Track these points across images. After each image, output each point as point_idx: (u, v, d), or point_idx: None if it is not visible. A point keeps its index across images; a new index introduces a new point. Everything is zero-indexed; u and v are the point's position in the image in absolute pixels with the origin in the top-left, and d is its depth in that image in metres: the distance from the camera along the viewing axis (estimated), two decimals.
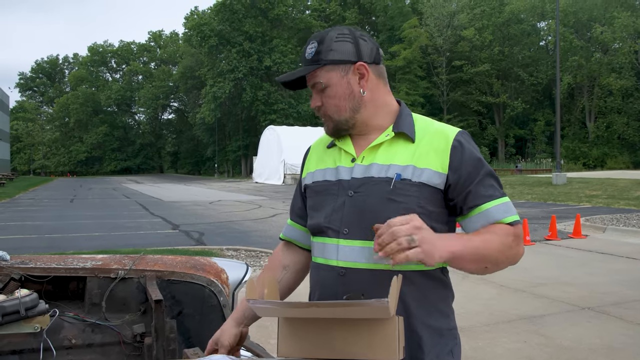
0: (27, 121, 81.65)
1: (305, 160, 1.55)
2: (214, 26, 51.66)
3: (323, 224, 1.36)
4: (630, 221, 11.63)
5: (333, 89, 1.34)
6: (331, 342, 1.08)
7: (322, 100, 1.36)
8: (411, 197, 1.28)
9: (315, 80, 1.35)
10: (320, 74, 1.34)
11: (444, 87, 50.32)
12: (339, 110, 1.35)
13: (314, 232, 1.41)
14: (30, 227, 12.47)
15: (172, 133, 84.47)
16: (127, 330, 1.75)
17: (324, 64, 1.33)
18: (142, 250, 7.55)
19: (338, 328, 1.07)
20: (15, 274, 1.75)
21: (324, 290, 1.35)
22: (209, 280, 1.90)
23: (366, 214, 1.30)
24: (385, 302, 0.96)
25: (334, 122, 1.37)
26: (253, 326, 1.38)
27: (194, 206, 18.61)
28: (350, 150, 1.39)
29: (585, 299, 5.66)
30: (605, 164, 42.99)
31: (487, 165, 1.34)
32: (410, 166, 1.30)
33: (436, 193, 1.31)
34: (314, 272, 1.43)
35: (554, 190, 20.60)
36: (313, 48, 1.34)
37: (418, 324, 1.29)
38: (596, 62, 43.78)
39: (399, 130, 1.35)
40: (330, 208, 1.35)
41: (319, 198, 1.41)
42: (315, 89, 1.36)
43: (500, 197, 1.30)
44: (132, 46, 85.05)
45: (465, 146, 1.33)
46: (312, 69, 1.33)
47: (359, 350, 1.05)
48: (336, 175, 1.39)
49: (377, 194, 1.30)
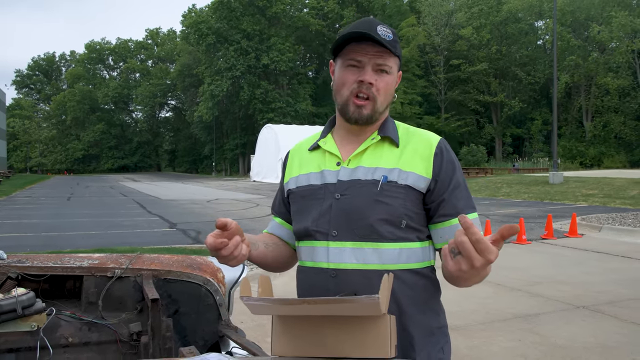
0: (23, 119, 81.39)
1: (285, 165, 1.54)
2: (212, 24, 51.59)
3: (311, 228, 1.36)
4: (626, 220, 11.68)
5: (391, 78, 1.36)
6: (324, 340, 1.09)
7: (376, 82, 1.34)
8: (397, 199, 1.30)
9: (387, 62, 1.33)
10: (391, 60, 1.34)
11: (441, 86, 50.36)
12: (384, 100, 1.37)
13: (301, 237, 1.42)
14: (26, 225, 12.45)
15: (169, 131, 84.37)
16: (123, 329, 1.76)
17: (397, 54, 1.35)
18: (138, 249, 7.56)
19: (331, 326, 1.08)
20: (12, 272, 1.76)
21: (314, 293, 1.35)
22: (205, 279, 1.91)
23: (354, 216, 1.31)
24: (376, 298, 0.97)
25: (375, 108, 1.35)
26: (250, 325, 1.39)
27: (191, 205, 18.61)
28: (336, 152, 1.40)
29: (580, 297, 5.69)
30: (602, 163, 43.09)
31: (462, 177, 1.37)
32: (396, 169, 1.33)
33: (419, 196, 1.34)
34: (302, 276, 1.43)
35: (551, 189, 20.65)
36: (390, 34, 1.33)
37: (410, 322, 1.31)
38: (593, 61, 43.86)
39: (385, 134, 1.38)
40: (317, 212, 1.36)
41: (304, 202, 1.41)
42: (378, 67, 1.33)
43: (472, 213, 1.33)
44: (129, 44, 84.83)
45: (445, 155, 1.36)
46: (393, 51, 1.32)
47: (352, 348, 1.06)
48: (321, 179, 1.39)
49: (365, 195, 1.31)
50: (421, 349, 1.32)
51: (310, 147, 1.47)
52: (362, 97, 1.33)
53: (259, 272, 6.72)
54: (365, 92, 1.33)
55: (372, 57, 1.31)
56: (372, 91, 1.33)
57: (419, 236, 1.34)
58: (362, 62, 1.32)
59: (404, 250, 1.31)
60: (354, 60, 1.32)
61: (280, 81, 54.08)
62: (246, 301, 1.09)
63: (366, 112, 1.34)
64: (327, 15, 56.38)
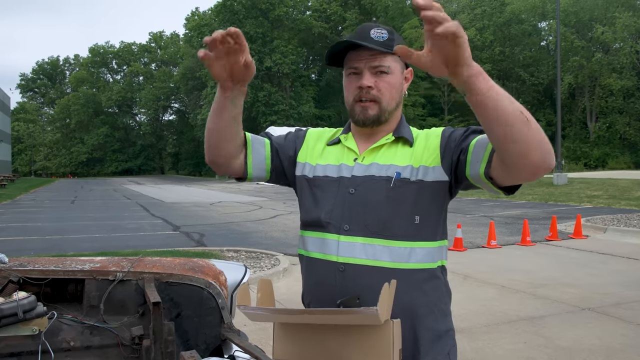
0: (28, 122, 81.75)
1: (304, 140, 1.54)
2: (215, 27, 51.53)
3: (324, 219, 1.37)
4: (631, 221, 11.62)
5: (393, 78, 1.38)
6: (326, 346, 1.08)
7: (376, 84, 1.37)
8: (410, 196, 1.32)
9: (382, 63, 1.36)
10: (389, 60, 1.37)
11: (444, 88, 50.21)
12: (391, 99, 1.39)
13: (310, 226, 1.42)
14: (31, 229, 12.48)
15: (173, 134, 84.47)
16: (125, 333, 1.75)
17: None
18: (141, 252, 7.56)
19: (333, 332, 1.07)
20: (14, 276, 1.75)
21: (321, 286, 1.36)
22: (208, 282, 1.90)
23: (367, 211, 1.33)
24: (374, 310, 0.96)
25: (381, 107, 1.38)
26: (253, 328, 1.38)
27: (194, 207, 18.62)
28: (355, 149, 1.43)
29: (586, 299, 5.66)
30: (606, 164, 42.91)
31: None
32: (409, 166, 1.35)
33: (439, 187, 1.34)
34: (308, 266, 1.43)
35: (555, 191, 20.58)
36: (385, 33, 1.36)
37: (417, 324, 1.30)
38: (597, 62, 43.69)
39: (399, 135, 1.41)
40: (331, 204, 1.37)
41: (318, 193, 1.42)
42: (375, 70, 1.36)
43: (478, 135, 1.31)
44: (132, 47, 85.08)
45: (453, 130, 1.39)
46: (385, 51, 1.34)
47: (354, 355, 1.05)
48: (338, 172, 1.41)
49: (378, 191, 1.33)
50: (427, 353, 1.31)
51: (330, 142, 1.50)
52: (366, 101, 1.37)
53: (258, 276, 6.71)
54: (366, 96, 1.37)
55: (368, 61, 1.35)
56: (372, 94, 1.36)
57: (432, 234, 1.34)
58: (359, 68, 1.37)
59: (415, 249, 1.31)
60: (352, 68, 1.38)
61: (283, 84, 54.15)
62: (244, 310, 1.08)
63: (372, 112, 1.37)
64: (330, 18, 56.40)
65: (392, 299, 1.05)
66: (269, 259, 7.72)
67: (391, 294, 1.04)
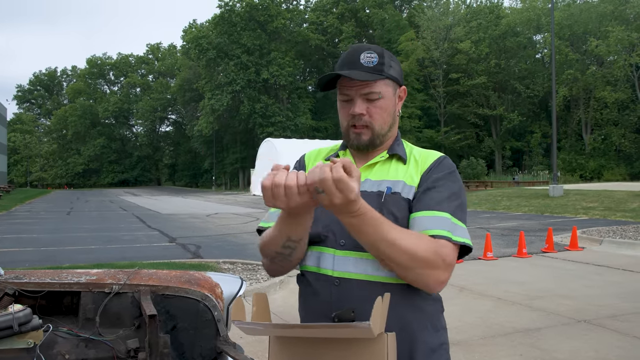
0: (24, 133, 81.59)
1: (305, 165, 1.56)
2: (212, 39, 51.93)
3: (322, 233, 1.38)
4: (626, 233, 11.65)
5: (385, 102, 1.38)
6: (322, 359, 1.08)
7: (368, 110, 1.38)
8: (401, 210, 1.33)
9: (373, 90, 1.36)
10: (380, 85, 1.37)
11: (441, 100, 50.50)
12: (383, 124, 1.40)
13: (312, 242, 1.42)
14: (26, 240, 12.43)
15: (169, 145, 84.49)
16: (121, 345, 1.74)
17: (386, 76, 1.37)
18: (137, 264, 7.53)
19: (327, 346, 1.08)
20: (9, 289, 1.75)
21: (317, 300, 1.36)
22: (204, 294, 1.90)
23: None
24: (367, 324, 0.97)
25: (374, 133, 1.39)
26: (249, 340, 1.38)
27: (191, 219, 18.58)
28: None
29: (582, 311, 5.66)
30: (602, 175, 43.05)
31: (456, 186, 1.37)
32: (401, 182, 1.37)
33: None
34: (304, 281, 1.43)
35: (551, 202, 20.64)
36: (374, 58, 1.36)
37: (411, 338, 1.30)
38: (592, 74, 44.02)
39: (393, 152, 1.43)
40: (328, 219, 1.37)
41: (317, 208, 1.42)
42: (366, 97, 1.37)
43: (441, 212, 1.32)
44: (130, 59, 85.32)
45: (444, 162, 1.41)
46: (375, 77, 1.35)
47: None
48: None
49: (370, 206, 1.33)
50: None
51: (328, 158, 1.51)
52: (359, 126, 1.39)
53: (254, 288, 6.69)
54: (358, 122, 1.39)
55: (359, 88, 1.36)
56: (365, 120, 1.38)
57: None
58: (350, 95, 1.38)
59: None
60: (344, 94, 1.39)
61: (280, 95, 54.31)
62: (238, 325, 1.08)
63: (365, 137, 1.40)
64: (327, 30, 56.74)
65: (385, 312, 1.05)
66: (265, 271, 7.69)
67: (385, 308, 1.05)
